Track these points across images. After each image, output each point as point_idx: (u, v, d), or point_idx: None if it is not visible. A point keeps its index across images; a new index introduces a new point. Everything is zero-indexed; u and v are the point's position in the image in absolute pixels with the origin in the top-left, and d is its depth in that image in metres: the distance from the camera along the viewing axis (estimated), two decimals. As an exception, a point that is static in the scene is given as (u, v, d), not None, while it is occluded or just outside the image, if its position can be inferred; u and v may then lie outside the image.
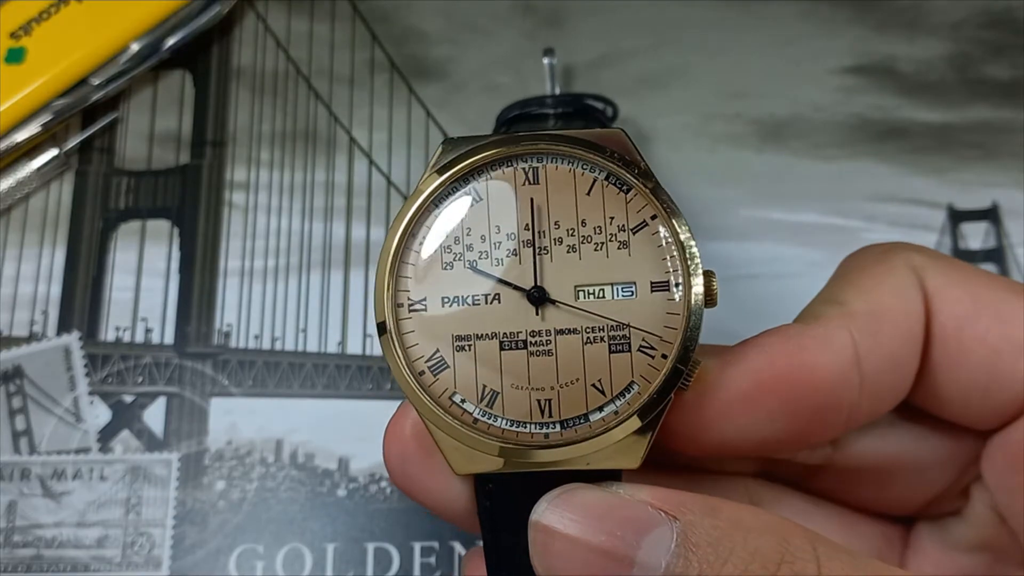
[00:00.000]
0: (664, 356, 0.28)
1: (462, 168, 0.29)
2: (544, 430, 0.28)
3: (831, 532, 0.34)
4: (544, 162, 0.29)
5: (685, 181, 0.48)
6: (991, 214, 0.48)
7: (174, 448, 0.43)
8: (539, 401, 0.28)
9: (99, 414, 0.44)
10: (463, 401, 0.28)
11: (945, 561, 0.34)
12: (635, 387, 0.28)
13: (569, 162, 0.29)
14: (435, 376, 0.29)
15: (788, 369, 0.29)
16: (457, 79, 0.50)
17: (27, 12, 0.47)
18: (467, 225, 0.29)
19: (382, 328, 0.29)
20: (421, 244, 0.29)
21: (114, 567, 0.41)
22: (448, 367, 0.28)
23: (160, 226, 0.47)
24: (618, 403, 0.28)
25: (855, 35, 0.50)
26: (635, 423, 0.28)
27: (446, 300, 0.29)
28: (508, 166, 0.29)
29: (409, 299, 0.29)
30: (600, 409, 0.28)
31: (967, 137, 0.49)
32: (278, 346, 0.45)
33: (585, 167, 0.29)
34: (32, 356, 0.44)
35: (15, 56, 0.46)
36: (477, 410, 0.28)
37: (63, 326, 0.45)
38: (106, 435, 0.43)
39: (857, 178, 0.48)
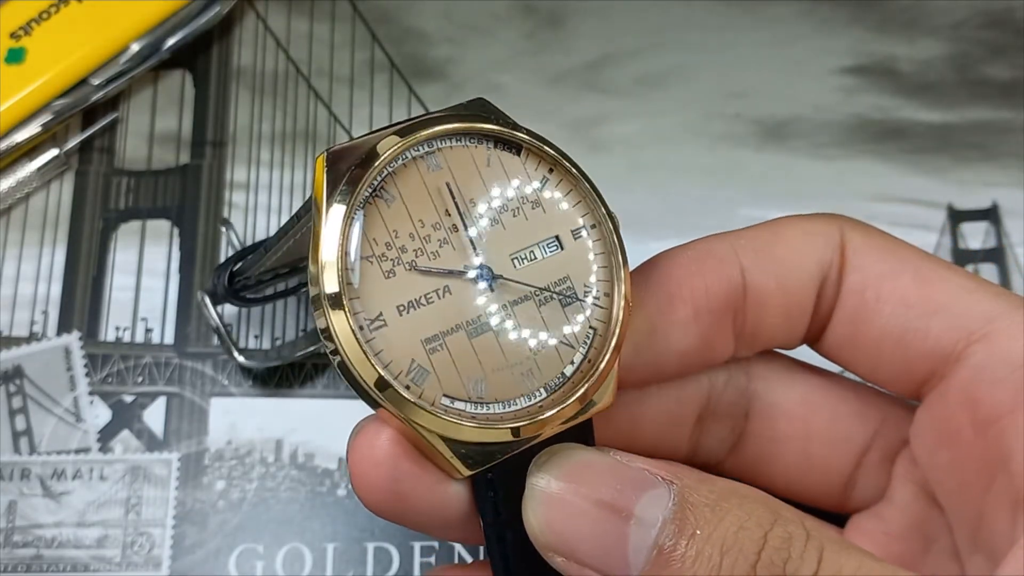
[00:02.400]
0: (607, 294, 0.29)
1: (367, 179, 0.28)
2: (536, 400, 0.29)
3: None
4: (435, 146, 0.29)
5: (685, 181, 0.48)
6: (991, 214, 0.48)
7: (174, 448, 0.43)
8: (523, 375, 0.29)
9: (99, 414, 0.44)
10: (454, 402, 0.28)
11: (876, 552, 0.34)
12: (595, 331, 0.29)
13: (458, 139, 0.29)
14: (420, 386, 0.28)
15: (685, 277, 0.32)
16: (457, 79, 0.50)
17: (27, 12, 0.47)
18: (392, 228, 0.28)
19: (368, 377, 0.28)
20: (356, 262, 0.28)
21: (114, 567, 0.41)
22: (429, 372, 0.28)
23: (160, 226, 0.47)
24: (583, 350, 0.29)
25: (855, 35, 0.50)
26: (611, 363, 0.29)
27: (401, 308, 0.28)
28: (405, 158, 0.29)
29: (367, 319, 0.28)
30: (572, 362, 0.29)
31: (967, 137, 0.49)
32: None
33: (472, 140, 0.29)
34: (32, 356, 0.44)
35: (15, 56, 0.46)
36: (469, 405, 0.28)
37: (63, 326, 0.45)
38: (106, 435, 0.43)
39: (857, 178, 0.48)
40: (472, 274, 0.29)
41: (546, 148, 0.30)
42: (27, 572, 0.41)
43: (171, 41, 0.48)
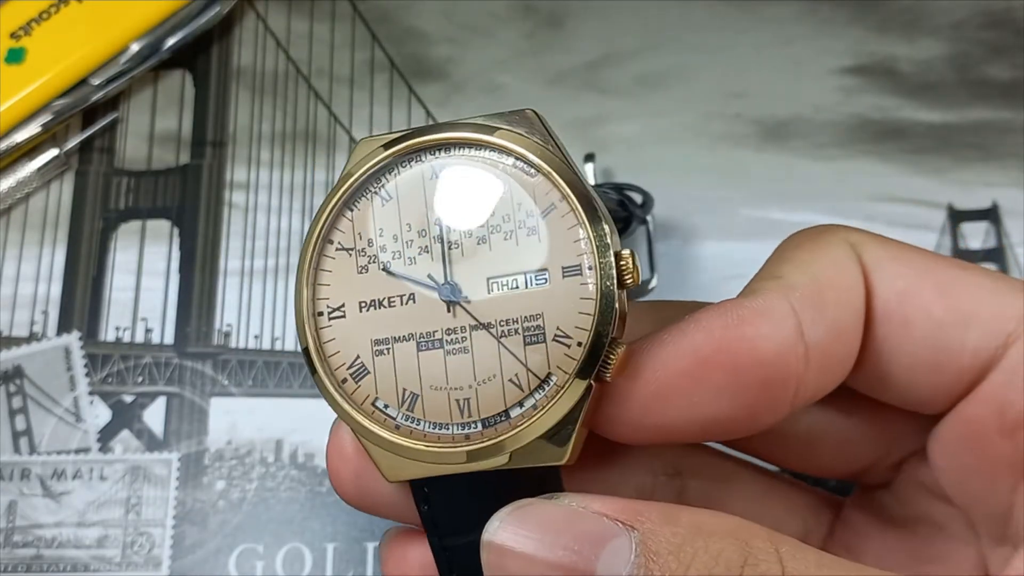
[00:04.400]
0: (579, 344, 0.27)
1: (369, 168, 0.29)
2: (465, 431, 0.28)
3: (757, 498, 0.34)
4: (448, 153, 0.29)
5: (685, 181, 0.48)
6: (991, 214, 0.48)
7: (174, 448, 0.43)
8: (458, 401, 0.28)
9: (99, 414, 0.44)
10: (386, 407, 0.28)
11: (874, 535, 0.33)
12: (553, 379, 0.27)
13: (475, 148, 0.29)
14: (357, 383, 0.28)
15: (728, 342, 0.28)
16: (457, 79, 0.50)
17: (27, 12, 0.47)
18: (379, 226, 0.29)
19: (306, 352, 0.29)
20: (337, 250, 0.29)
21: (114, 567, 0.41)
22: (369, 372, 0.28)
23: (160, 226, 0.47)
24: (537, 396, 0.27)
25: (855, 35, 0.50)
26: (556, 415, 0.27)
27: (363, 305, 0.28)
28: (416, 162, 0.29)
29: (328, 307, 0.29)
30: (520, 404, 0.28)
31: (967, 137, 0.49)
32: (278, 346, 0.45)
33: (492, 152, 0.29)
34: (32, 356, 0.45)
35: (15, 56, 0.46)
36: (400, 415, 0.28)
37: (63, 326, 0.45)
38: (106, 435, 0.43)
39: (857, 178, 0.48)
40: (435, 288, 0.28)
41: (559, 177, 0.28)
42: (27, 572, 0.41)
43: (171, 41, 0.48)
